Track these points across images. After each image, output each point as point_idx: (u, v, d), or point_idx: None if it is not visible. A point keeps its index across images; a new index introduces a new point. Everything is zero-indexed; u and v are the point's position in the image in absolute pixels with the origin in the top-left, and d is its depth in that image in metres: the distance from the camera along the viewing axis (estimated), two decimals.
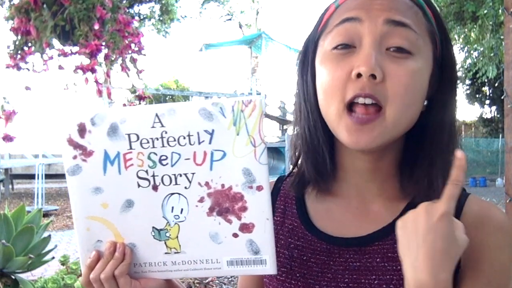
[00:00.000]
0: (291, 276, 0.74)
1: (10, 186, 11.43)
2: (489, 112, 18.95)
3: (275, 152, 11.20)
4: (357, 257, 0.70)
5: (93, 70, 2.74)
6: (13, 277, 2.37)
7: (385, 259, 0.69)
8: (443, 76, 0.70)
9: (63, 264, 3.17)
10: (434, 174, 0.68)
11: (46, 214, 7.68)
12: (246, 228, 0.67)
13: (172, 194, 0.67)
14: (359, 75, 0.63)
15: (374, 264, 0.69)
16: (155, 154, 0.66)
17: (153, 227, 0.68)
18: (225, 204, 0.66)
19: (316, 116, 0.72)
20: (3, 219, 2.35)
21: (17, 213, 2.50)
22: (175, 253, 0.69)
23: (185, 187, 0.66)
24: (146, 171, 0.66)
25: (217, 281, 4.01)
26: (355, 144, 0.65)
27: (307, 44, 0.75)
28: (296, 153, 0.78)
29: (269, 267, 0.68)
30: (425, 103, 0.69)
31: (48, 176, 10.46)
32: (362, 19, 0.65)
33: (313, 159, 0.73)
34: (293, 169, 0.81)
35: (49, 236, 2.52)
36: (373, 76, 0.62)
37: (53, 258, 2.67)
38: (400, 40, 0.64)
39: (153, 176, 0.66)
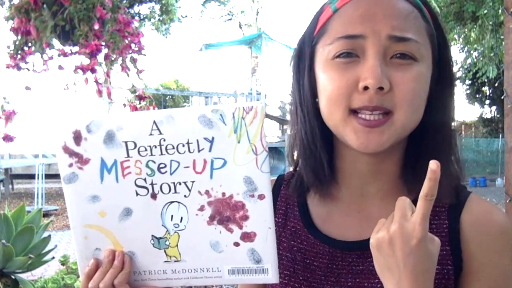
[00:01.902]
0: (294, 279, 0.74)
1: (10, 186, 11.42)
2: (489, 112, 18.97)
3: (275, 152, 11.20)
4: (359, 261, 0.70)
5: (93, 70, 2.74)
6: (13, 277, 2.36)
7: None
8: (440, 76, 0.70)
9: (63, 264, 3.17)
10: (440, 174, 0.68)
11: (46, 214, 7.68)
12: (247, 237, 0.66)
13: (172, 202, 0.66)
14: (366, 88, 0.62)
15: None
16: (154, 162, 0.65)
17: (152, 236, 0.68)
18: (226, 212, 0.65)
19: (314, 121, 0.71)
20: (3, 219, 2.34)
21: (17, 213, 2.49)
22: (175, 261, 0.68)
23: (185, 196, 0.65)
24: (145, 179, 0.65)
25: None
26: (364, 147, 0.64)
27: (302, 47, 0.74)
28: (294, 155, 0.77)
29: (271, 276, 0.67)
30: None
31: (48, 176, 10.46)
32: (367, 35, 0.64)
33: (312, 164, 0.73)
34: (294, 170, 0.80)
35: (49, 236, 2.52)
36: (381, 88, 0.62)
37: (53, 258, 2.67)
38: (404, 49, 0.64)
39: (152, 184, 0.65)
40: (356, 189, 0.74)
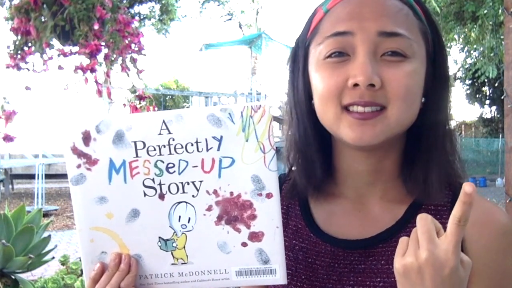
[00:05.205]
0: (296, 279, 0.73)
1: (10, 186, 11.42)
2: (489, 112, 18.98)
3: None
4: (361, 260, 0.70)
5: (93, 70, 2.74)
6: (13, 277, 2.36)
7: (389, 261, 0.68)
8: (436, 73, 0.69)
9: (63, 264, 3.17)
10: (432, 172, 0.68)
11: (46, 214, 7.68)
12: (255, 237, 0.65)
13: (179, 202, 0.66)
14: (356, 85, 0.62)
15: (378, 267, 0.69)
16: (162, 162, 0.64)
17: (159, 237, 0.67)
18: (234, 212, 0.65)
19: (308, 123, 0.71)
20: (3, 219, 2.34)
21: (17, 213, 2.49)
22: (182, 264, 0.68)
23: (193, 196, 0.65)
24: (153, 180, 0.65)
25: None
26: (359, 139, 0.64)
27: (296, 50, 0.74)
28: (290, 159, 0.77)
29: (279, 277, 0.66)
30: (423, 100, 0.69)
31: (48, 176, 10.46)
32: (354, 32, 0.64)
33: (304, 167, 0.73)
34: (289, 172, 0.80)
35: (49, 236, 2.51)
36: (372, 85, 0.62)
37: (53, 258, 2.67)
38: (395, 46, 0.64)
39: (160, 184, 0.65)
40: (356, 188, 0.74)
